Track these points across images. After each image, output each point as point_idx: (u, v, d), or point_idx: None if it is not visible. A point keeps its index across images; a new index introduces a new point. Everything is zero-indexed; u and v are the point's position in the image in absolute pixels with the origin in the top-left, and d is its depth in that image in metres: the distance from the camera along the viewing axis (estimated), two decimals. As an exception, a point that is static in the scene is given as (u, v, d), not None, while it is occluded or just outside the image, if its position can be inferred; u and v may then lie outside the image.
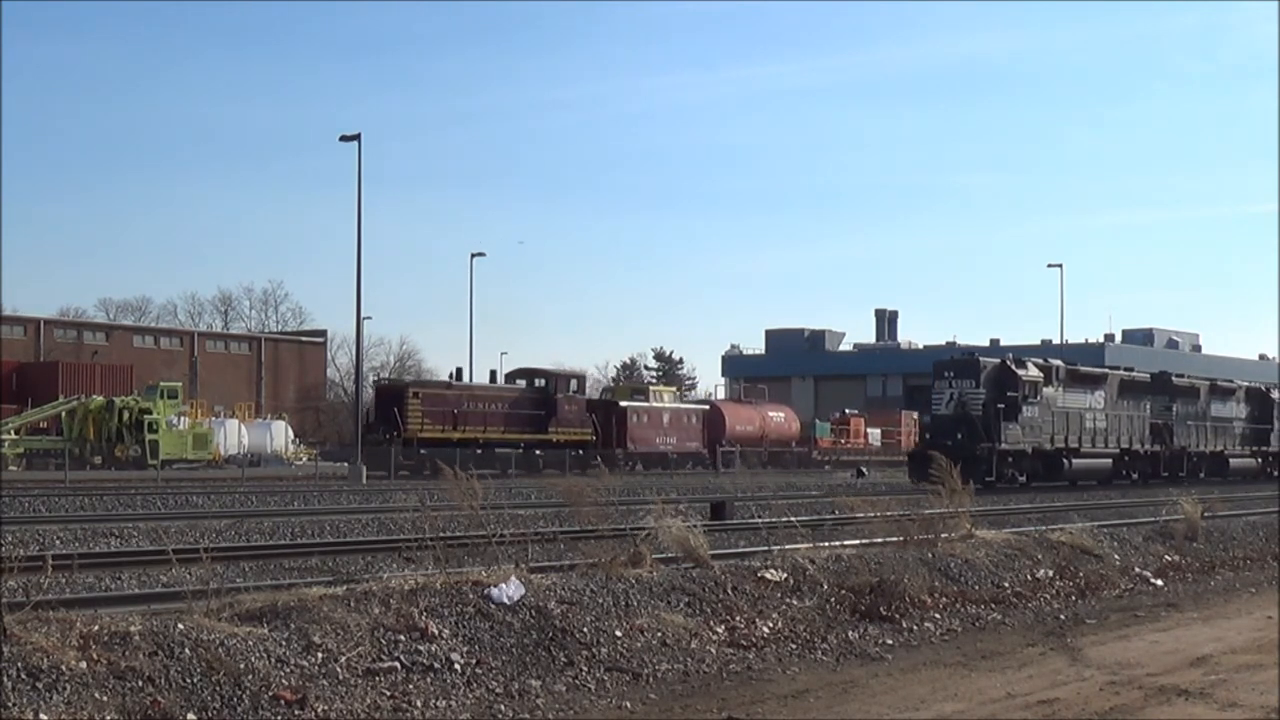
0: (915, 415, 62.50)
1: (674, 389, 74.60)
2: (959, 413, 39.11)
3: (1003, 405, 39.23)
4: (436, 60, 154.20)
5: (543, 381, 54.66)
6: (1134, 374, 48.34)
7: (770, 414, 68.11)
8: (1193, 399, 50.75)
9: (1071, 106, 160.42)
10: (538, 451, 51.04)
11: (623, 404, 58.96)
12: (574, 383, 56.20)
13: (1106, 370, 47.50)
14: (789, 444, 67.90)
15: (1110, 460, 44.19)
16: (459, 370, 58.50)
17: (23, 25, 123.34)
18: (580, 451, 52.35)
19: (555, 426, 53.03)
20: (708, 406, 65.64)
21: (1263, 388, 56.62)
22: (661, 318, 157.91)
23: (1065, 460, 41.69)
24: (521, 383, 54.99)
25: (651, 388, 67.12)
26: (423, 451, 46.59)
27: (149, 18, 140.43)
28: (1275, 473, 52.81)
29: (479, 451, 48.00)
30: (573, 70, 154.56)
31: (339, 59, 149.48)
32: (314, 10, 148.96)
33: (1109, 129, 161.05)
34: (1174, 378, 51.20)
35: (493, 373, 58.52)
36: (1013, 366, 40.87)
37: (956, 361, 42.01)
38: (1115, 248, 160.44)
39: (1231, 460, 51.41)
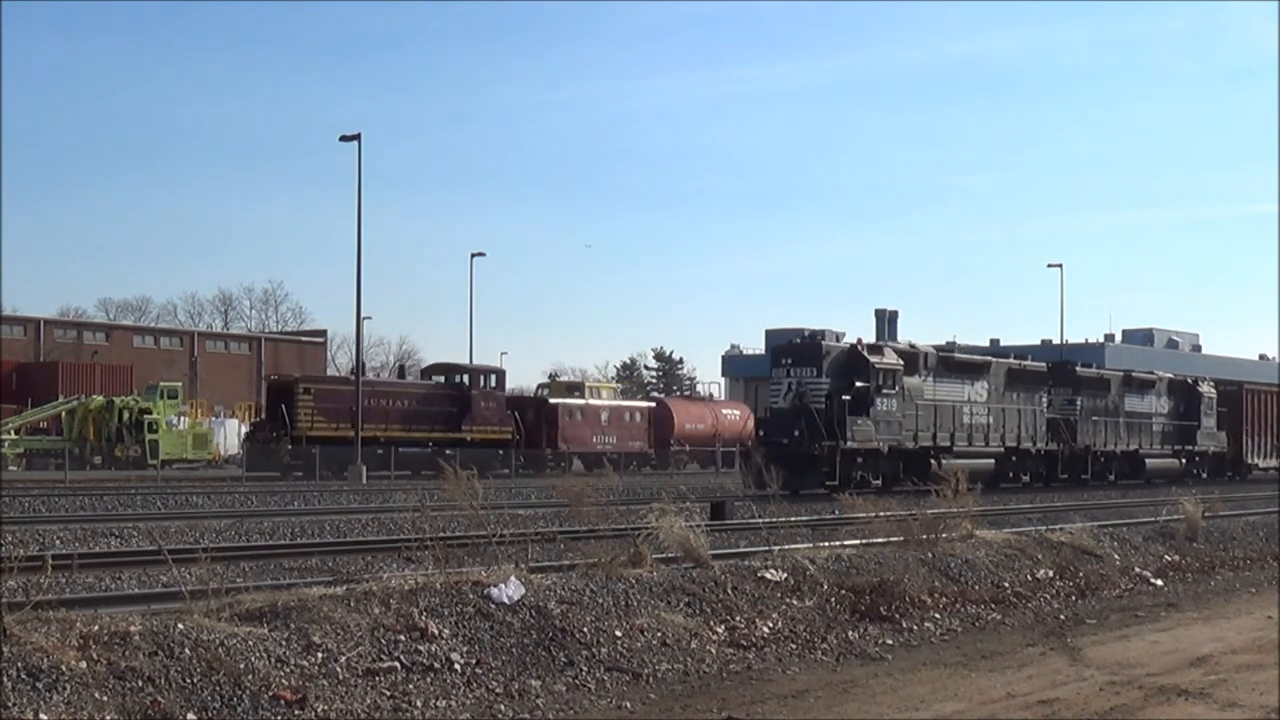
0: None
1: (614, 386, 72.80)
2: (797, 405, 33.44)
3: (849, 397, 33.65)
4: (437, 60, 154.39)
5: (458, 377, 52.15)
6: (1026, 363, 42.86)
7: (723, 412, 66.28)
8: (1101, 392, 45.22)
9: (1071, 106, 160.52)
10: (448, 451, 46.87)
11: (553, 401, 56.36)
12: (492, 378, 53.29)
13: (990, 358, 41.36)
14: (745, 443, 66.42)
15: (993, 460, 38.43)
16: (362, 365, 57.99)
17: (23, 25, 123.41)
18: (502, 451, 50.41)
19: (470, 424, 50.31)
20: (654, 404, 63.84)
21: (1189, 380, 51.30)
22: (661, 318, 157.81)
23: (933, 460, 35.25)
24: (440, 379, 52.68)
25: (588, 384, 64.61)
26: (314, 451, 44.71)
27: (147, 17, 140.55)
28: (1203, 474, 48.54)
29: (379, 451, 45.98)
30: (573, 71, 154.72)
31: (339, 59, 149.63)
32: (314, 10, 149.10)
33: (1109, 129, 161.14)
34: (1078, 368, 45.48)
35: (402, 368, 57.61)
36: (864, 352, 35.18)
37: (796, 346, 35.36)
38: (1115, 248, 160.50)
39: (1149, 460, 46.26)
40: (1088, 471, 42.95)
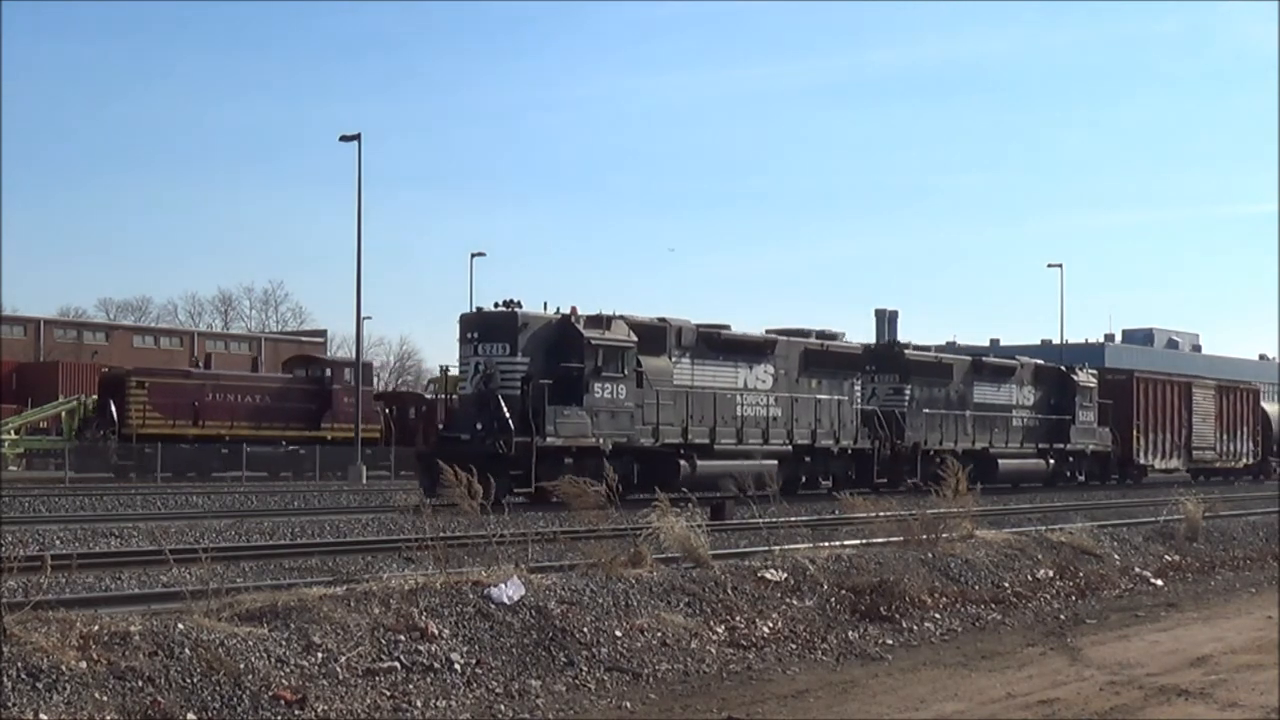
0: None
1: None
2: (483, 391, 26.64)
3: (550, 381, 26.62)
4: (437, 59, 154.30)
5: (318, 370, 48.94)
6: (832, 344, 34.92)
7: None
8: (940, 380, 38.03)
9: (1071, 106, 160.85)
10: (301, 450, 45.03)
11: (430, 397, 50.83)
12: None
13: (776, 336, 33.26)
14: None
15: (775, 462, 29.87)
16: (209, 358, 55.85)
17: (23, 24, 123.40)
18: (370, 451, 45.92)
19: (331, 422, 46.56)
20: None
21: (1062, 368, 44.01)
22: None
23: (684, 461, 28.78)
24: (301, 372, 49.55)
25: None
26: (147, 450, 41.80)
27: (147, 17, 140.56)
28: (1080, 476, 42.61)
29: (225, 451, 43.52)
30: (572, 70, 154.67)
31: (339, 58, 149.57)
32: (314, 10, 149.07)
33: (1109, 129, 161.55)
34: (907, 350, 38.88)
35: (255, 361, 55.36)
36: (578, 325, 27.67)
37: (485, 316, 27.52)
38: (1115, 248, 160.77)
39: (1002, 461, 38.58)
40: (916, 474, 34.54)
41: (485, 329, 27.16)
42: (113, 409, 42.83)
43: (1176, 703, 8.97)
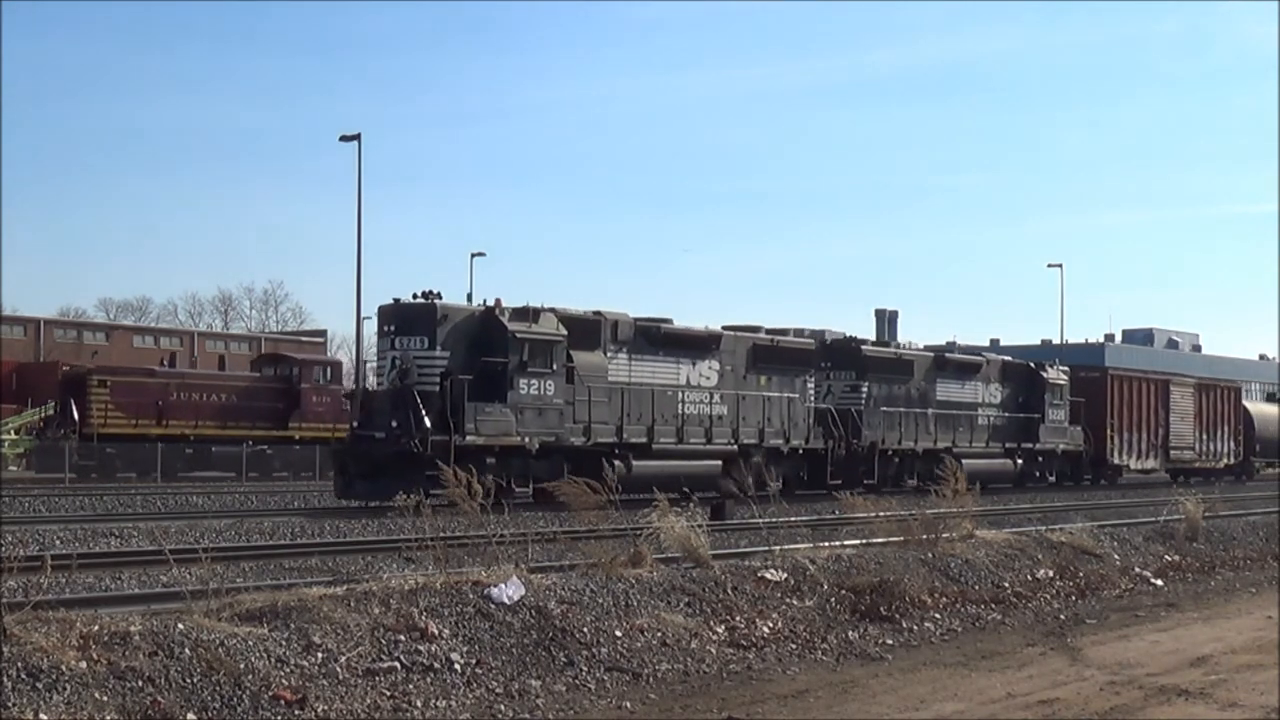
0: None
1: None
2: (399, 387, 25.12)
3: (471, 376, 25.18)
4: (438, 59, 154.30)
5: (288, 369, 47.62)
6: (782, 339, 33.42)
7: None
8: (900, 377, 36.26)
9: (1071, 106, 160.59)
10: (267, 450, 44.05)
11: None
12: (327, 371, 48.35)
13: (721, 330, 31.48)
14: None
15: (719, 462, 28.89)
16: (174, 355, 54.29)
17: (23, 23, 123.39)
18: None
19: (299, 421, 45.43)
20: None
21: (1030, 364, 41.96)
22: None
23: (617, 461, 26.78)
24: (270, 370, 48.53)
25: None
26: (109, 450, 41.00)
27: (148, 17, 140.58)
28: (1050, 477, 41.06)
29: (189, 451, 42.69)
30: (573, 70, 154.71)
31: (339, 58, 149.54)
32: (314, 10, 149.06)
33: (1109, 129, 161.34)
34: (864, 346, 36.83)
35: (221, 358, 54.67)
36: (503, 318, 26.15)
37: (401, 308, 26.12)
38: (1115, 248, 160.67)
39: (966, 461, 33.05)
40: (873, 475, 33.70)
41: (402, 321, 25.81)
42: (74, 408, 41.95)
43: (1176, 703, 8.98)
